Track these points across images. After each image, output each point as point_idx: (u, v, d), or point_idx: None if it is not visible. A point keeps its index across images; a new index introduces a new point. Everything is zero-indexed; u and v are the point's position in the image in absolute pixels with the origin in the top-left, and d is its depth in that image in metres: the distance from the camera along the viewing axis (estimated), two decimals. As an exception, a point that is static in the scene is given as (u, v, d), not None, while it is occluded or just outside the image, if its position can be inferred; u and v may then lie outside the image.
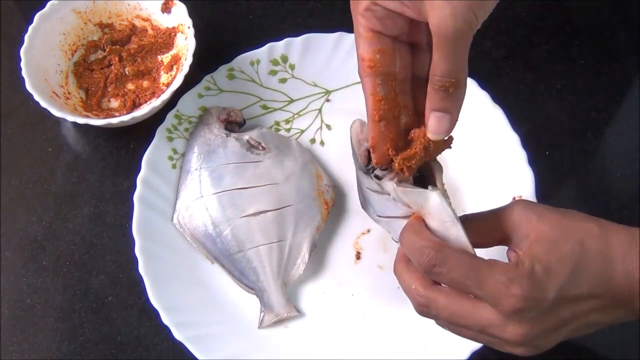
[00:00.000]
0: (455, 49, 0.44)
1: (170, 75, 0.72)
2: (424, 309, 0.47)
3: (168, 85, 0.68)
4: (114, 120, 0.66)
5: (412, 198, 0.49)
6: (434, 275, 0.46)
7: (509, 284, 0.43)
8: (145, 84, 0.73)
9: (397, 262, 0.50)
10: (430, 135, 0.47)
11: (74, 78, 0.73)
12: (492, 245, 0.50)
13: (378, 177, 0.52)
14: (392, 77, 0.48)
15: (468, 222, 0.48)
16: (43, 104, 0.65)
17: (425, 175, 0.52)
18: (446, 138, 0.49)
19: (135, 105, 0.71)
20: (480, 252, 0.47)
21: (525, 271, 0.44)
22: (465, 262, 0.45)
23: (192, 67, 0.68)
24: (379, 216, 0.55)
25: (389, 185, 0.51)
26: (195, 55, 0.68)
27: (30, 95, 0.66)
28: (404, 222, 0.50)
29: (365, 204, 0.57)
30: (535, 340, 0.46)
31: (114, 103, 0.72)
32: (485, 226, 0.49)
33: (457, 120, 0.47)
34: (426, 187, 0.48)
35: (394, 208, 0.52)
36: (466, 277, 0.44)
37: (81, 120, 0.66)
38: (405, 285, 0.49)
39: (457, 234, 0.47)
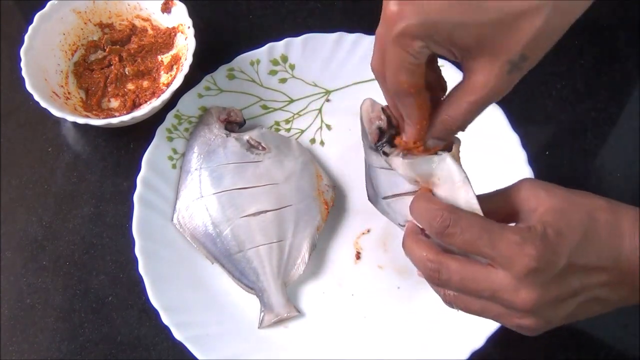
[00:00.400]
0: (480, 109, 0.48)
1: (170, 75, 0.72)
2: (435, 274, 0.47)
3: (168, 85, 0.68)
4: (114, 120, 0.66)
5: (421, 167, 0.50)
6: (447, 237, 0.46)
7: (522, 244, 0.43)
8: (145, 84, 0.73)
9: (405, 237, 0.50)
10: (421, 152, 0.50)
11: (74, 78, 0.73)
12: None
13: (386, 154, 0.53)
14: (424, 86, 0.49)
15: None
16: (43, 104, 0.65)
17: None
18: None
19: (135, 105, 0.71)
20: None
21: (538, 233, 0.44)
22: (478, 223, 0.45)
23: (192, 67, 0.68)
24: (385, 198, 0.55)
25: (397, 161, 0.51)
26: (195, 55, 0.68)
27: (30, 95, 0.66)
28: (410, 200, 0.50)
29: (372, 193, 0.57)
30: (545, 310, 0.45)
31: (114, 103, 0.72)
32: (493, 205, 0.49)
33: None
34: None
35: (401, 184, 0.52)
36: (479, 237, 0.44)
37: (81, 120, 0.66)
38: (415, 256, 0.48)
39: (467, 196, 0.48)
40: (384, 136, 0.53)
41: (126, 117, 0.67)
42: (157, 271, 0.62)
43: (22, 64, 0.67)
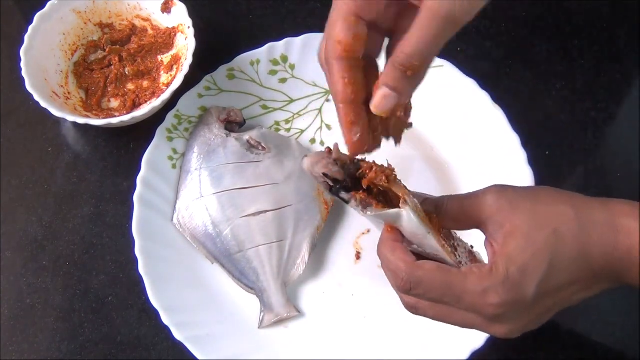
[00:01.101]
0: (440, 31, 0.43)
1: (170, 75, 0.72)
2: (412, 310, 0.48)
3: (168, 85, 0.68)
4: (114, 120, 0.66)
5: (382, 219, 0.48)
6: (414, 296, 0.46)
7: (484, 295, 0.44)
8: (145, 84, 0.73)
9: (380, 245, 0.49)
10: (374, 108, 0.46)
11: (74, 78, 0.73)
12: (468, 229, 0.50)
13: (345, 201, 0.49)
14: (360, 62, 0.47)
15: (446, 203, 0.49)
16: (43, 104, 0.65)
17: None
18: (408, 120, 0.49)
19: (135, 105, 0.71)
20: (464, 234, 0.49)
21: (499, 277, 0.44)
22: (440, 280, 0.45)
23: (192, 67, 0.68)
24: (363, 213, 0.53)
25: (357, 210, 0.49)
26: (195, 55, 0.68)
27: (30, 95, 0.66)
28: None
29: None
30: (521, 330, 0.46)
31: (114, 103, 0.72)
32: (462, 210, 0.49)
33: (404, 102, 0.46)
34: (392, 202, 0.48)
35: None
36: (443, 295, 0.45)
37: (81, 120, 0.66)
38: (392, 283, 0.48)
39: (432, 246, 0.47)
40: (338, 183, 0.49)
41: (126, 117, 0.66)
42: (157, 271, 0.62)
43: (22, 64, 0.67)
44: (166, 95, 0.67)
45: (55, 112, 0.65)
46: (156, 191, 0.66)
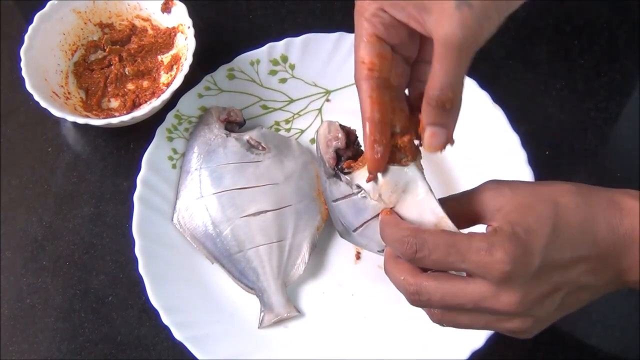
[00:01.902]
0: (458, 60, 0.44)
1: (170, 75, 0.72)
2: (416, 297, 0.47)
3: (168, 85, 0.68)
4: (114, 120, 0.66)
5: (385, 178, 0.50)
6: (418, 261, 0.46)
7: (491, 250, 0.43)
8: (145, 84, 0.73)
9: (386, 262, 0.50)
10: (427, 148, 0.48)
11: (74, 78, 0.73)
12: (468, 226, 0.49)
13: (347, 174, 0.53)
14: (389, 83, 0.48)
15: (444, 203, 0.49)
16: (43, 104, 0.65)
17: None
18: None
19: (135, 105, 0.71)
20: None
21: (505, 234, 0.44)
22: (444, 240, 0.45)
23: (192, 67, 0.68)
24: (355, 230, 0.54)
25: (359, 175, 0.52)
26: (195, 55, 0.68)
27: (30, 95, 0.66)
28: (378, 223, 0.51)
29: (342, 229, 0.57)
30: (531, 308, 0.45)
31: (114, 103, 0.72)
32: (459, 207, 0.49)
33: (452, 134, 0.47)
34: None
35: (365, 209, 0.52)
36: (448, 254, 0.44)
37: (81, 120, 0.66)
38: (395, 280, 0.48)
39: (432, 206, 0.48)
40: (341, 159, 0.55)
41: (126, 117, 0.67)
42: (157, 271, 0.62)
43: (22, 64, 0.67)
44: (166, 95, 0.67)
45: (55, 112, 0.65)
46: (156, 191, 0.66)
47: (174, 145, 0.68)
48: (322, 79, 0.72)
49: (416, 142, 0.50)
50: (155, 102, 0.67)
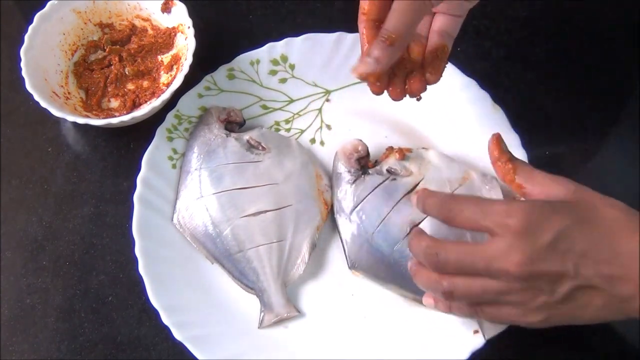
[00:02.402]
0: (413, 15, 0.52)
1: (170, 75, 0.72)
2: (434, 257, 0.50)
3: (168, 85, 0.68)
4: (114, 120, 0.66)
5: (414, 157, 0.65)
6: (452, 219, 0.51)
7: (510, 208, 0.49)
8: (145, 84, 0.73)
9: (410, 237, 0.54)
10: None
11: (74, 78, 0.73)
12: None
13: (376, 163, 0.66)
14: (379, 23, 0.54)
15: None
16: (43, 104, 0.65)
17: None
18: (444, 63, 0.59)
19: (135, 105, 0.71)
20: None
21: (528, 202, 0.50)
22: (473, 201, 0.52)
23: (192, 67, 0.68)
24: (380, 222, 0.62)
25: (390, 160, 0.65)
26: (195, 55, 0.68)
27: (30, 95, 0.66)
28: (407, 208, 0.62)
29: (371, 258, 0.63)
30: (537, 279, 0.47)
31: (114, 103, 0.72)
32: (528, 176, 0.56)
33: (378, 70, 0.54)
34: None
35: (397, 189, 0.64)
36: (474, 212, 0.50)
37: (81, 120, 0.66)
38: (417, 249, 0.52)
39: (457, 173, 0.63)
40: (362, 161, 0.66)
41: (126, 117, 0.66)
42: (157, 271, 0.62)
43: (22, 64, 0.67)
44: (166, 95, 0.67)
45: (55, 112, 0.65)
46: (156, 191, 0.66)
47: (174, 145, 0.68)
48: (322, 79, 0.72)
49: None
50: (156, 102, 0.67)
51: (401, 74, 0.58)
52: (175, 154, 0.68)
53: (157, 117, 0.68)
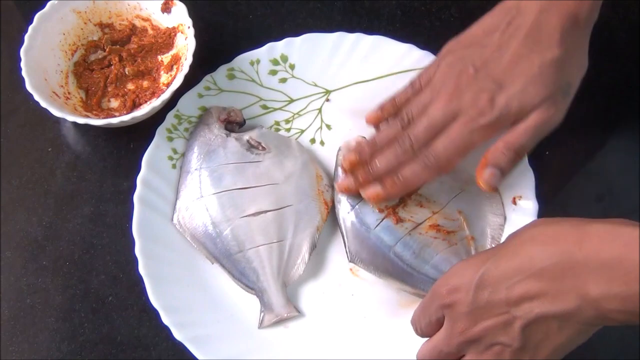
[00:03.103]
0: (540, 136, 0.59)
1: (170, 75, 0.72)
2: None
3: (168, 85, 0.68)
4: (114, 120, 0.66)
5: None
6: (423, 334, 0.55)
7: (433, 292, 0.52)
8: (145, 84, 0.73)
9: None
10: (482, 184, 0.59)
11: (74, 78, 0.73)
12: None
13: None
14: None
15: None
16: (43, 104, 0.65)
17: None
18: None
19: (135, 105, 0.71)
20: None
21: (441, 278, 0.52)
22: (418, 308, 0.55)
23: (192, 67, 0.68)
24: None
25: None
26: (195, 55, 0.68)
27: (30, 95, 0.66)
28: None
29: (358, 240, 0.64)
30: (492, 336, 0.47)
31: (114, 103, 0.72)
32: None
33: (496, 182, 0.59)
34: None
35: None
36: (422, 320, 0.54)
37: (81, 120, 0.66)
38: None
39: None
40: None
41: (126, 117, 0.66)
42: (157, 271, 0.62)
43: (22, 64, 0.67)
44: (166, 95, 0.67)
45: (55, 112, 0.65)
46: (156, 191, 0.66)
47: (174, 145, 0.68)
48: (322, 79, 0.72)
49: None
50: (155, 102, 0.67)
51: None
52: (175, 154, 0.68)
53: (157, 117, 0.68)
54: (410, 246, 0.62)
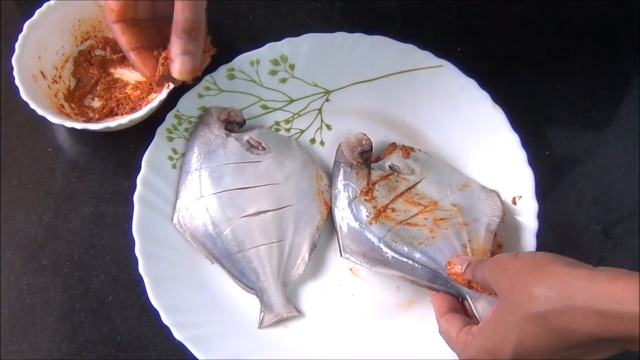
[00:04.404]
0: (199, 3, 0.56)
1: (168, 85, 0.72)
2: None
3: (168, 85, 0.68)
4: (112, 124, 0.66)
5: (417, 156, 0.67)
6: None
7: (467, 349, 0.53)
8: (137, 92, 0.72)
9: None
10: (179, 76, 0.57)
11: (72, 64, 0.73)
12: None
13: (379, 158, 0.67)
14: (136, 20, 0.59)
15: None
16: (40, 112, 0.65)
17: None
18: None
19: (112, 114, 0.71)
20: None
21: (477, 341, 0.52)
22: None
23: (192, 67, 0.68)
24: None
25: (393, 157, 0.66)
26: (195, 55, 0.68)
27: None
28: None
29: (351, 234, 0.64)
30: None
31: (96, 103, 0.72)
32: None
33: (198, 62, 0.57)
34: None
35: (398, 184, 0.65)
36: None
37: (79, 126, 0.66)
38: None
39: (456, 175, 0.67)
40: (365, 155, 0.67)
41: (124, 120, 0.66)
42: (157, 271, 0.62)
43: (20, 36, 0.67)
44: (163, 95, 0.67)
45: (53, 119, 0.65)
46: (156, 191, 0.66)
47: (174, 145, 0.68)
48: (322, 79, 0.72)
49: None
50: (153, 103, 0.67)
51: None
52: (175, 154, 0.68)
53: (157, 117, 0.68)
54: (399, 234, 0.61)
